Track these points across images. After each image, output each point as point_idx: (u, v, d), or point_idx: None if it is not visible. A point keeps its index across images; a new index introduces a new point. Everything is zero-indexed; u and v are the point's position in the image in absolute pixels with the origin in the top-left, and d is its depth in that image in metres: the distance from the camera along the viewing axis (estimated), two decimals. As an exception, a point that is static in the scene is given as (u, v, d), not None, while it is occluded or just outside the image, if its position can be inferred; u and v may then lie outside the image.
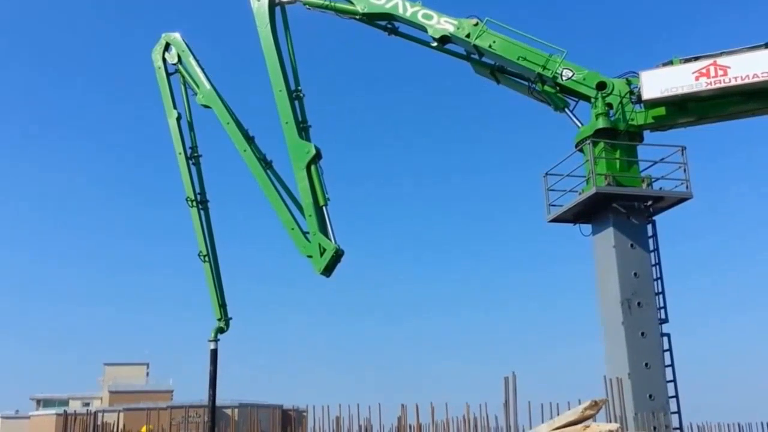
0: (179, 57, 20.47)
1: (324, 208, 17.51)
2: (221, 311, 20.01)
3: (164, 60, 20.65)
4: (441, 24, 17.32)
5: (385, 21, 18.17)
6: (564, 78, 16.40)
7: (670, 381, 15.36)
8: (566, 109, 16.83)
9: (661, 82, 15.37)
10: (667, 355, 15.51)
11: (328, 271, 17.27)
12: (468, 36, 17.03)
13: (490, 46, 16.91)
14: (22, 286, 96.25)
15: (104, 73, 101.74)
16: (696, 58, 15.36)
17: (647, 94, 15.49)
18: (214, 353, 19.58)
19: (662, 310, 15.70)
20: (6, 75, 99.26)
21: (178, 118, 20.51)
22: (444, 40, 17.45)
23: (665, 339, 15.61)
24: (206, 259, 20.18)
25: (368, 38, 18.53)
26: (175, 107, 20.58)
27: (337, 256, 17.12)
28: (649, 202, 15.94)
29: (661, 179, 16.04)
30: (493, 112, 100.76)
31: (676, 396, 15.38)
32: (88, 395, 65.62)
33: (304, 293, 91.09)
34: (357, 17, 18.23)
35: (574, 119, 16.72)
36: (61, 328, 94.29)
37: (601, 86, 16.15)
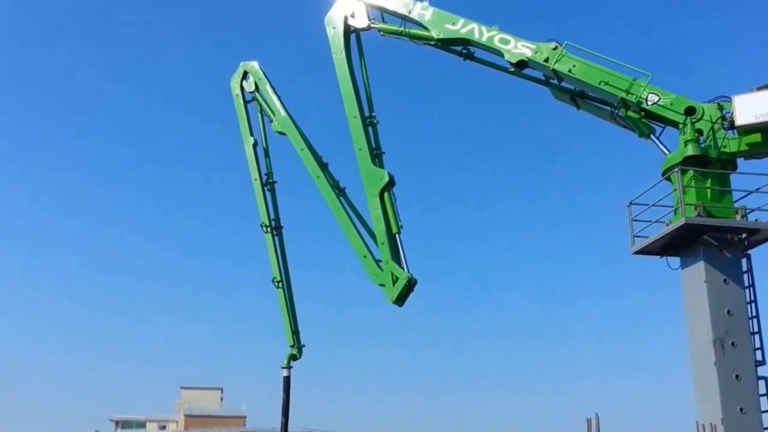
0: (256, 85, 21.01)
1: (397, 236, 17.36)
2: (294, 338, 20.14)
3: (242, 88, 21.30)
4: (518, 48, 17.01)
5: (460, 46, 17.98)
6: (649, 103, 15.78)
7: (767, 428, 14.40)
8: (652, 136, 16.17)
9: (755, 107, 14.54)
10: (763, 399, 14.53)
11: (400, 300, 17.06)
12: (546, 60, 16.63)
13: (569, 71, 16.47)
14: (105, 309, 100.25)
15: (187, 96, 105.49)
16: (794, 81, 14.56)
17: (740, 119, 14.67)
18: (286, 380, 19.67)
19: (758, 351, 14.71)
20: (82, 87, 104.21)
21: (255, 145, 21.02)
22: (521, 64, 17.07)
23: (762, 382, 14.64)
24: (280, 285, 20.40)
25: (444, 61, 18.40)
26: (251, 134, 21.13)
27: (410, 285, 16.90)
28: (744, 235, 15.00)
29: (756, 210, 15.08)
30: (574, 136, 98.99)
31: (775, 444, 14.37)
32: (164, 418, 67.39)
33: (373, 320, 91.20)
34: (432, 43, 18.11)
35: (661, 146, 16.08)
36: (141, 349, 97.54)
37: (690, 111, 15.42)
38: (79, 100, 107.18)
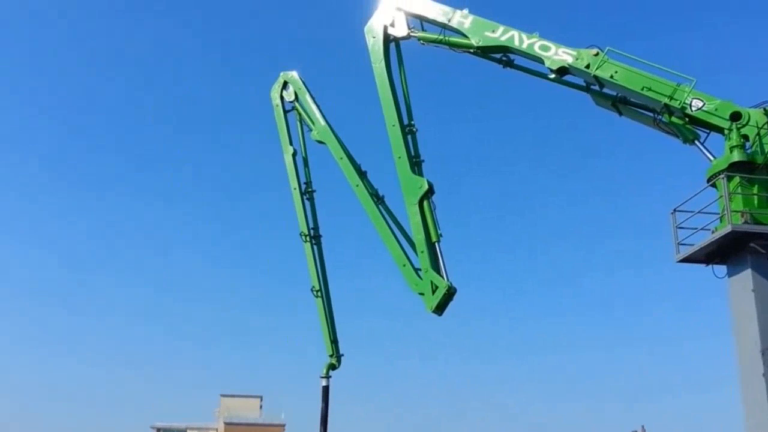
0: (296, 95, 21.43)
1: (436, 244, 17.52)
2: (333, 347, 20.37)
3: (282, 98, 21.72)
4: (559, 55, 17.04)
5: (500, 54, 18.12)
6: (694, 108, 15.65)
7: (820, 442, 14.08)
8: (696, 141, 16.04)
9: (804, 111, 14.42)
10: (816, 412, 14.25)
11: (440, 309, 17.20)
12: (588, 67, 16.63)
13: (611, 77, 16.44)
14: (146, 317, 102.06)
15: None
16: None
17: (789, 124, 14.56)
18: (325, 390, 19.90)
19: (809, 363, 14.47)
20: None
21: (294, 154, 21.41)
22: (562, 71, 17.11)
23: (813, 394, 14.36)
24: (319, 294, 20.69)
25: (484, 68, 18.48)
26: (291, 143, 21.52)
27: (450, 294, 17.03)
28: (793, 242, 14.85)
29: (805, 217, 14.92)
30: (616, 142, 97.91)
31: (828, 459, 14.05)
32: (204, 425, 68.28)
33: (408, 328, 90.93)
34: (471, 51, 18.26)
35: (706, 152, 15.92)
36: (181, 357, 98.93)
37: (735, 117, 15.25)
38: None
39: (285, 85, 21.67)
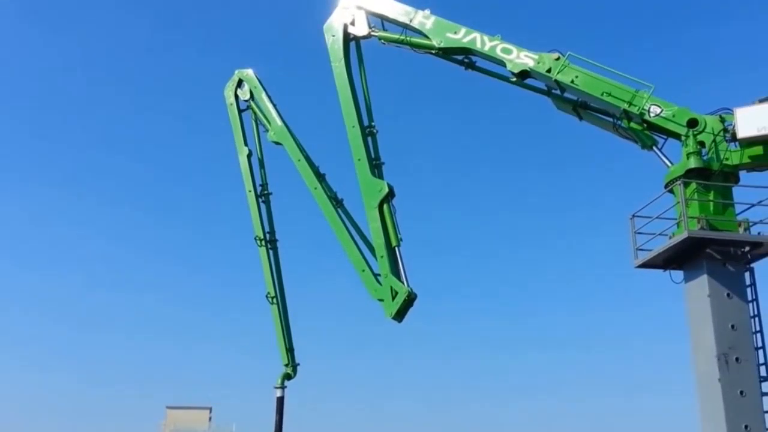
0: (251, 93, 21.64)
1: (396, 249, 18.02)
2: (288, 356, 20.65)
3: (236, 96, 21.92)
4: (520, 58, 17.76)
5: (461, 55, 18.78)
6: (652, 114, 16.51)
7: (773, 445, 14.99)
8: (654, 147, 16.90)
9: (757, 119, 15.26)
10: (768, 416, 15.16)
11: (399, 315, 17.67)
12: (549, 71, 17.39)
13: (572, 82, 17.23)
14: (84, 319, 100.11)
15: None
16: (797, 94, 15.30)
17: (743, 132, 15.42)
18: (280, 401, 20.11)
19: (763, 367, 15.36)
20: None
21: (249, 155, 21.62)
22: (523, 74, 17.84)
23: (767, 399, 15.27)
24: (274, 301, 20.93)
25: (447, 69, 19.03)
26: (246, 144, 21.73)
27: (410, 299, 17.52)
28: (747, 248, 15.65)
29: (759, 223, 15.80)
30: (575, 147, 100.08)
31: (780, 462, 14.97)
32: (149, 440, 67.51)
33: (368, 334, 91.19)
34: (433, 52, 18.87)
35: (663, 158, 16.79)
36: (124, 366, 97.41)
37: (692, 123, 16.17)
38: (72, 103, 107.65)
39: (240, 83, 21.86)
